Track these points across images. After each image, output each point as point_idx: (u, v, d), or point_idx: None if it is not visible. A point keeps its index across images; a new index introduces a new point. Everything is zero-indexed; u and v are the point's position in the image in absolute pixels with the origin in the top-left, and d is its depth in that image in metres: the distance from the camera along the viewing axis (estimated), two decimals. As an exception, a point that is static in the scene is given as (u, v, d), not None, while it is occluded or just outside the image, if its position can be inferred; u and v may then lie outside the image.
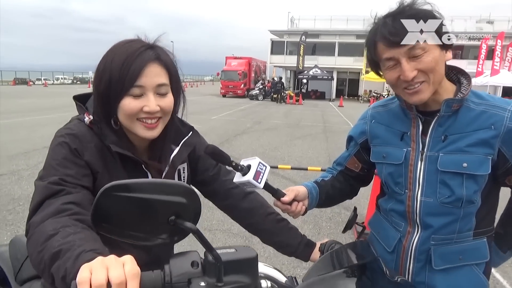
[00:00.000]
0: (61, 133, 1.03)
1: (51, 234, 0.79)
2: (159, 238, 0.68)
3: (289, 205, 1.24)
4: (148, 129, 1.04)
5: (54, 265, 0.73)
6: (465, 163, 1.10)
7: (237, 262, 0.67)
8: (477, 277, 1.18)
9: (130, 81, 0.99)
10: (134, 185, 0.63)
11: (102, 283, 0.60)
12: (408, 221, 1.22)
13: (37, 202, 0.89)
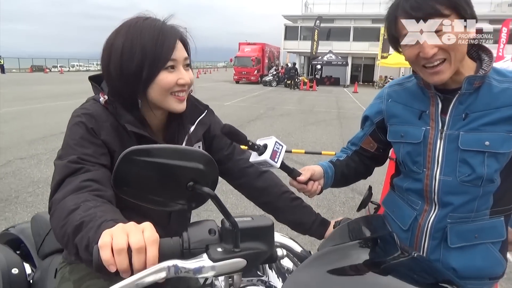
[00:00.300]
0: (77, 113, 1.05)
1: (72, 208, 0.81)
2: (178, 204, 0.70)
3: (305, 185, 1.24)
4: (180, 102, 1.07)
5: (77, 237, 0.75)
6: (487, 141, 1.08)
7: (253, 229, 0.68)
8: (493, 255, 1.17)
9: (166, 56, 1.01)
10: (154, 150, 0.65)
11: (123, 247, 0.62)
12: (425, 200, 1.21)
13: (58, 181, 0.92)
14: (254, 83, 30.94)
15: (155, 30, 1.02)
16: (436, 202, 1.18)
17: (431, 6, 0.99)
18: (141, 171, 0.65)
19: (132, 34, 1.01)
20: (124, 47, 1.01)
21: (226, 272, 0.65)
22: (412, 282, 0.72)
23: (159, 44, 1.00)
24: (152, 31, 1.01)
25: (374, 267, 0.74)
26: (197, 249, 0.65)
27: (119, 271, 0.63)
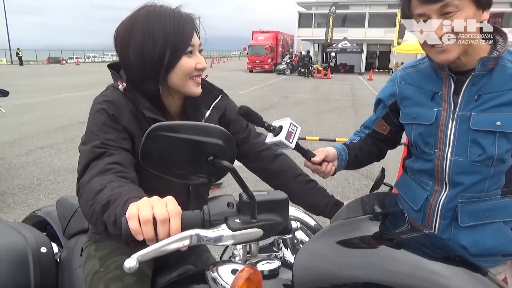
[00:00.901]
0: (98, 101, 1.09)
1: (99, 189, 0.86)
2: (199, 177, 0.74)
3: (319, 166, 1.27)
4: (198, 85, 1.12)
5: (105, 214, 0.80)
6: (498, 122, 1.09)
7: (269, 202, 0.72)
8: (505, 234, 1.19)
9: (187, 41, 1.06)
10: (177, 126, 0.69)
11: (149, 218, 0.67)
12: (436, 180, 1.23)
13: (84, 165, 0.97)
14: (268, 71, 30.81)
15: (175, 17, 1.05)
16: (447, 182, 1.20)
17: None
18: (165, 145, 0.69)
19: (152, 21, 1.04)
20: (145, 34, 1.04)
21: (244, 241, 0.69)
22: (424, 256, 0.75)
23: (179, 30, 1.04)
24: (172, 17, 1.05)
25: (384, 240, 0.77)
26: (217, 221, 0.70)
27: (145, 240, 0.68)
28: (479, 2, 1.03)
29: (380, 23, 34.70)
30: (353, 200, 0.91)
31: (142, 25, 1.05)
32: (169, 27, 1.04)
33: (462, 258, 0.80)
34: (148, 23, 1.05)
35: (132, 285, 1.12)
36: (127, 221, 0.68)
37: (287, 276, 0.90)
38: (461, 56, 1.10)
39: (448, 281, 0.68)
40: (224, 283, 0.66)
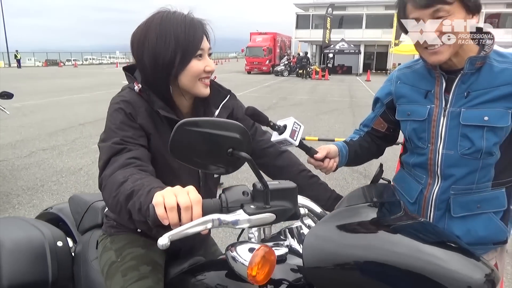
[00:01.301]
0: (116, 101, 1.17)
1: (122, 181, 0.94)
2: (218, 167, 0.82)
3: (322, 162, 1.35)
4: (206, 86, 1.21)
5: (130, 203, 0.88)
6: (486, 117, 1.17)
7: (280, 190, 0.81)
8: (495, 224, 1.27)
9: (196, 45, 1.14)
10: (201, 122, 0.78)
11: (174, 205, 0.75)
12: (429, 174, 1.31)
13: (105, 160, 1.05)
14: (266, 73, 30.92)
15: (186, 23, 1.14)
16: (439, 175, 1.28)
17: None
18: (191, 139, 0.77)
19: (165, 26, 1.13)
20: (158, 38, 1.12)
21: (259, 224, 0.78)
22: (419, 240, 0.83)
23: (190, 35, 1.13)
24: (183, 23, 1.13)
25: (382, 225, 0.85)
26: (234, 207, 0.78)
27: (170, 225, 0.76)
28: (468, 7, 1.12)
29: (377, 24, 34.90)
30: (354, 190, 0.99)
31: (156, 29, 1.14)
32: (181, 31, 1.13)
33: (456, 244, 0.87)
34: (162, 28, 1.13)
35: (147, 273, 1.20)
36: (154, 208, 0.75)
37: (294, 262, 0.98)
38: (452, 57, 1.18)
39: (444, 262, 0.76)
40: (243, 260, 0.74)
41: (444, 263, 0.75)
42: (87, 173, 5.11)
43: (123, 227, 1.34)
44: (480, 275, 0.76)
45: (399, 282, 0.74)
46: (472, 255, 0.81)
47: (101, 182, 1.03)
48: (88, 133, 7.51)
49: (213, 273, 1.13)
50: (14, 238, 1.43)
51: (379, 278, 0.75)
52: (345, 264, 0.77)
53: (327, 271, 0.77)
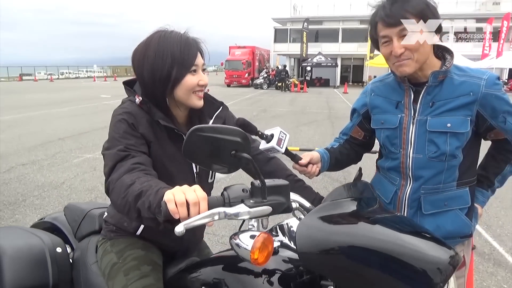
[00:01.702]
0: (118, 112, 1.28)
1: (130, 184, 1.04)
2: (223, 166, 0.95)
3: (305, 167, 1.49)
4: (199, 99, 1.32)
5: (139, 202, 0.98)
6: (449, 124, 1.34)
7: (275, 186, 0.94)
8: (460, 219, 1.43)
9: (191, 62, 1.26)
10: (209, 128, 0.90)
11: (183, 201, 0.86)
12: (402, 176, 1.47)
13: (111, 166, 1.15)
14: (245, 86, 31.23)
15: (181, 41, 1.26)
16: (411, 176, 1.44)
17: (401, 14, 1.26)
18: (201, 142, 0.90)
19: (162, 44, 1.26)
20: (156, 55, 1.25)
21: (258, 215, 0.90)
22: (396, 229, 0.96)
23: (185, 53, 1.25)
24: (179, 41, 1.26)
25: (361, 216, 0.98)
26: (235, 202, 0.91)
27: (180, 219, 0.87)
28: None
29: (353, 38, 35.92)
30: (338, 187, 1.12)
31: (155, 47, 1.26)
32: (177, 49, 1.25)
33: (427, 233, 1.01)
34: (160, 46, 1.26)
35: (148, 272, 1.29)
36: (166, 204, 0.86)
37: (286, 254, 1.11)
38: (418, 70, 1.35)
39: (417, 247, 0.88)
40: (246, 246, 0.85)
41: (417, 248, 0.89)
42: (69, 187, 5.10)
43: (122, 231, 1.42)
44: (446, 256, 0.89)
45: (378, 264, 0.87)
46: (439, 241, 0.95)
47: (108, 186, 1.12)
48: (68, 148, 7.46)
49: (208, 269, 1.23)
50: (15, 245, 1.49)
51: (361, 260, 0.88)
52: (331, 249, 0.90)
53: (317, 255, 0.90)
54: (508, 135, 1.40)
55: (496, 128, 1.37)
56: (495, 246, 3.60)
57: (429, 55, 1.35)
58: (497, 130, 1.38)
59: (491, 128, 1.38)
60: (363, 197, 1.09)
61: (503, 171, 1.50)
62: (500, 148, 1.48)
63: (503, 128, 1.37)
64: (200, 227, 1.56)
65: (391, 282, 0.86)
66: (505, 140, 1.42)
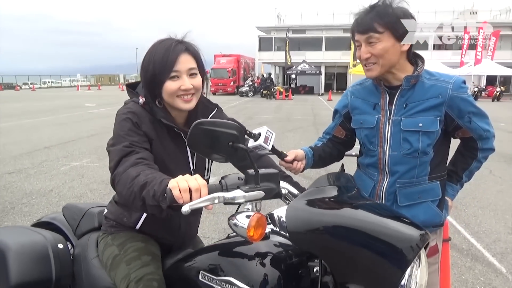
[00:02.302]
0: (123, 111, 1.39)
1: (135, 175, 1.15)
2: (221, 156, 1.07)
3: (291, 164, 1.61)
4: (186, 102, 1.40)
5: (144, 191, 1.09)
6: (420, 123, 1.49)
7: (267, 174, 1.07)
8: (432, 210, 1.58)
9: (169, 69, 1.35)
10: (209, 122, 1.03)
11: (186, 188, 0.98)
12: (379, 171, 1.61)
13: (117, 160, 1.25)
14: (230, 94, 31.42)
15: (165, 49, 1.36)
16: (387, 172, 1.58)
17: (369, 24, 1.42)
18: (202, 134, 1.02)
19: (152, 52, 1.38)
20: (145, 62, 1.38)
21: (252, 199, 1.02)
22: (375, 212, 1.09)
23: (164, 60, 1.35)
24: (163, 50, 1.36)
25: (343, 201, 1.11)
26: (232, 188, 1.03)
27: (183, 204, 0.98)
28: (396, 37, 1.43)
29: (336, 46, 36.57)
30: (322, 176, 1.25)
31: (147, 53, 1.39)
32: (158, 57, 1.36)
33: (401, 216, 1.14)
34: (149, 53, 1.39)
35: (149, 262, 1.39)
36: (171, 190, 0.98)
37: (276, 239, 1.23)
38: (392, 75, 1.49)
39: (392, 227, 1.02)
40: (242, 225, 0.97)
41: (392, 227, 1.02)
42: (58, 194, 5.11)
43: (122, 226, 1.52)
44: (417, 234, 1.03)
45: (358, 241, 0.99)
46: (412, 223, 1.08)
47: (114, 178, 1.23)
48: (55, 156, 7.43)
49: (203, 256, 1.34)
50: (19, 242, 1.57)
51: (343, 238, 1.00)
52: (317, 228, 1.02)
53: (304, 234, 1.02)
54: (473, 134, 1.55)
55: (463, 127, 1.53)
56: (473, 242, 3.78)
57: (398, 61, 1.48)
58: (464, 129, 1.53)
59: (459, 127, 1.53)
60: (344, 185, 1.22)
61: (470, 166, 1.66)
62: (467, 145, 1.63)
63: (469, 127, 1.53)
64: (195, 222, 1.68)
65: (370, 257, 0.99)
66: (471, 138, 1.58)
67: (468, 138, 1.59)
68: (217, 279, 1.16)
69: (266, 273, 1.12)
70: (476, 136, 1.56)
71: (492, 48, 31.08)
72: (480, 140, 1.58)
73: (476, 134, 1.55)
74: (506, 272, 3.21)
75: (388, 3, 1.44)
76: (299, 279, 1.15)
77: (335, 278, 1.02)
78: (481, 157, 1.63)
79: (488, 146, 1.60)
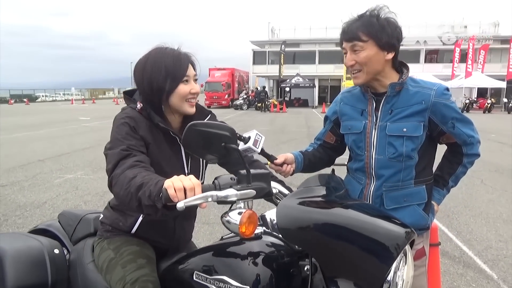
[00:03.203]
0: (121, 116, 1.44)
1: (132, 177, 1.19)
2: (215, 156, 1.12)
3: (280, 167, 1.66)
4: (191, 106, 1.50)
5: (140, 192, 1.13)
6: (405, 128, 1.55)
7: (258, 174, 1.12)
8: (419, 213, 1.62)
9: (183, 72, 1.44)
10: (202, 124, 1.09)
11: (181, 187, 1.02)
12: (367, 175, 1.66)
13: (114, 163, 1.30)
14: (225, 107, 31.57)
15: (174, 55, 1.45)
16: (374, 175, 1.63)
17: (354, 32, 1.49)
18: (196, 135, 1.06)
19: (159, 58, 1.44)
20: (153, 68, 1.43)
21: (244, 197, 1.07)
22: (362, 211, 1.14)
23: (177, 65, 1.43)
24: (172, 56, 1.45)
25: (331, 200, 1.16)
26: (225, 188, 1.07)
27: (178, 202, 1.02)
28: (380, 46, 1.50)
29: (329, 60, 37.00)
30: (312, 176, 1.30)
31: (152, 61, 1.45)
32: (170, 62, 1.44)
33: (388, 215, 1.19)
34: (156, 60, 1.45)
35: (144, 264, 1.42)
36: (166, 190, 1.02)
37: (268, 239, 1.27)
38: (377, 82, 1.56)
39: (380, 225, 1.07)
40: (235, 221, 1.01)
41: (378, 224, 1.07)
42: (52, 206, 5.10)
43: (118, 230, 1.55)
44: (403, 231, 1.08)
45: (346, 238, 1.04)
46: (397, 221, 1.13)
47: (111, 180, 1.27)
48: (48, 169, 7.42)
49: (197, 258, 1.37)
50: (15, 247, 1.59)
51: (332, 235, 1.05)
52: (307, 226, 1.07)
53: (295, 230, 1.07)
54: (457, 139, 1.61)
55: (447, 132, 1.59)
56: (464, 250, 3.83)
57: (383, 69, 1.55)
58: (448, 134, 1.59)
59: (443, 133, 1.59)
60: (333, 186, 1.27)
61: (456, 171, 1.71)
62: (453, 151, 1.69)
63: (453, 132, 1.59)
64: (189, 227, 1.71)
65: (357, 253, 1.03)
66: (456, 144, 1.64)
67: (453, 144, 1.65)
68: (211, 278, 1.19)
69: (259, 272, 1.16)
70: (461, 141, 1.62)
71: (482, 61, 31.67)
72: (465, 145, 1.64)
73: (460, 140, 1.61)
74: (497, 279, 3.25)
75: (374, 14, 1.51)
76: (290, 277, 1.19)
77: (324, 273, 1.06)
78: (467, 162, 1.69)
79: (473, 152, 1.66)
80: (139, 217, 1.51)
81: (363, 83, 1.56)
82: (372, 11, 1.52)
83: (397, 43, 1.54)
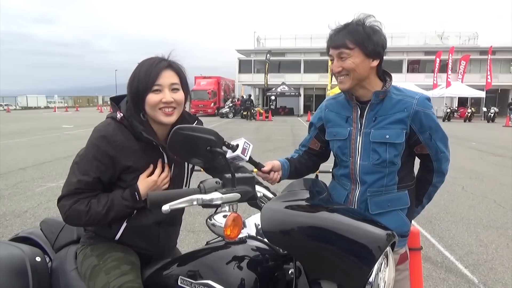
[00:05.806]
0: (95, 136, 1.43)
1: (87, 210, 1.31)
2: (200, 160, 1.12)
3: (268, 174, 1.68)
4: (167, 115, 1.46)
5: (110, 215, 1.21)
6: (387, 135, 1.58)
7: (243, 178, 1.13)
8: (401, 219, 1.66)
9: (152, 82, 1.43)
10: (187, 128, 1.10)
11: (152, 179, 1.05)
12: (351, 181, 1.69)
13: (68, 190, 1.39)
14: (211, 115, 31.52)
15: (149, 65, 1.45)
16: (359, 181, 1.66)
17: (341, 40, 1.54)
18: (182, 139, 1.07)
19: (137, 68, 1.47)
20: (131, 78, 1.46)
21: (228, 201, 1.08)
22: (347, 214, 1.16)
23: (147, 75, 1.43)
24: (147, 65, 1.45)
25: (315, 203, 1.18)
26: (210, 191, 1.08)
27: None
28: (366, 53, 1.54)
29: (314, 69, 37.45)
30: (295, 180, 1.32)
31: (134, 71, 1.47)
32: (142, 72, 1.45)
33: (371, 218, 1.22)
34: (136, 70, 1.47)
35: (128, 271, 1.41)
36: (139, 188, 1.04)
37: (253, 244, 1.28)
38: (361, 89, 1.60)
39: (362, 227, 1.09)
40: (219, 224, 1.02)
41: (360, 227, 1.10)
42: (33, 215, 4.99)
43: (101, 237, 1.54)
44: (384, 233, 1.11)
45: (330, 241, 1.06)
46: (379, 224, 1.16)
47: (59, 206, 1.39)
48: (30, 177, 7.26)
49: (182, 263, 1.37)
50: (-4, 255, 1.56)
51: (316, 238, 1.07)
52: (292, 229, 1.09)
53: (279, 233, 1.08)
54: (430, 151, 1.65)
55: (422, 142, 1.63)
56: (446, 255, 3.90)
57: (368, 75, 1.59)
58: (423, 144, 1.63)
59: (418, 142, 1.63)
60: (316, 190, 1.29)
61: (427, 191, 1.78)
62: (425, 165, 1.73)
63: (428, 144, 1.63)
64: (174, 234, 1.71)
65: (340, 255, 1.05)
66: (428, 157, 1.68)
67: (425, 156, 1.68)
68: (196, 283, 1.19)
69: (243, 276, 1.16)
70: (432, 153, 1.66)
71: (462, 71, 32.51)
72: (436, 160, 1.68)
73: (432, 151, 1.65)
74: (478, 283, 3.31)
75: (360, 22, 1.56)
76: (275, 281, 1.20)
77: (308, 276, 1.08)
78: (436, 182, 1.75)
79: (441, 169, 1.71)
80: (123, 224, 1.50)
81: (349, 88, 1.60)
82: (358, 20, 1.57)
83: (382, 51, 1.59)
